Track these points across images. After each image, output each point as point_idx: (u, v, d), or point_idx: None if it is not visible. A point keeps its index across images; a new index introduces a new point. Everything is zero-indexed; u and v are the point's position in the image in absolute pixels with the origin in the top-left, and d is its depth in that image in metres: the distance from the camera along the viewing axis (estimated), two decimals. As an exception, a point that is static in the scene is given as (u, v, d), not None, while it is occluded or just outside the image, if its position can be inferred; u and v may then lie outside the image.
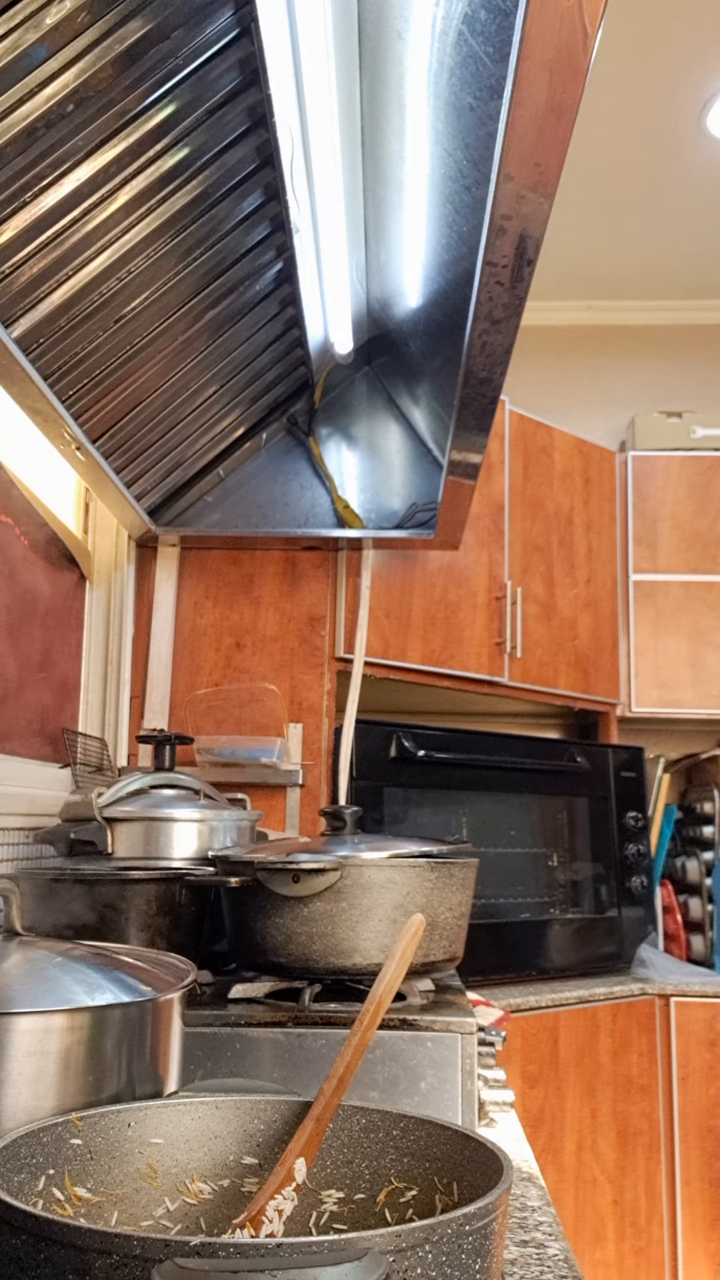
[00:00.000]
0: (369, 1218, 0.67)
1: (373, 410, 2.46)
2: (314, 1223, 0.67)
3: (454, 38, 1.09)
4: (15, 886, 0.93)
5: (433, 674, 2.73)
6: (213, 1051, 1.15)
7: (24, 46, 1.14)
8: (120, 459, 1.96)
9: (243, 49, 1.31)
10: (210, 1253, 0.44)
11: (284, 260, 1.77)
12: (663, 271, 3.80)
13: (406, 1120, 0.68)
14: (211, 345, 1.88)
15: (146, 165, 1.39)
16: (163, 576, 2.48)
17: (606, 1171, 2.76)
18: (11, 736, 1.85)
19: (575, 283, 3.85)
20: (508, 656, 2.88)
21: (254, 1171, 0.69)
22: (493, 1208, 0.52)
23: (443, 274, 1.58)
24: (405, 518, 2.39)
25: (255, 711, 2.44)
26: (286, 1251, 0.44)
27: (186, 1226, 0.67)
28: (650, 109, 3.01)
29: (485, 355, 1.46)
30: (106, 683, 2.34)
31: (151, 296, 1.62)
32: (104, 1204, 0.64)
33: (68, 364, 1.59)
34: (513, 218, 1.13)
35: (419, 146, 1.39)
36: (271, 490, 2.41)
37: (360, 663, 2.50)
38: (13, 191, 1.27)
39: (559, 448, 3.19)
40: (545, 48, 0.88)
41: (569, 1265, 0.84)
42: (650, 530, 3.37)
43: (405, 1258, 0.47)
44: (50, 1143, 0.63)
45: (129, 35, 1.20)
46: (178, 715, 2.44)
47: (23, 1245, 0.49)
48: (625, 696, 3.28)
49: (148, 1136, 0.68)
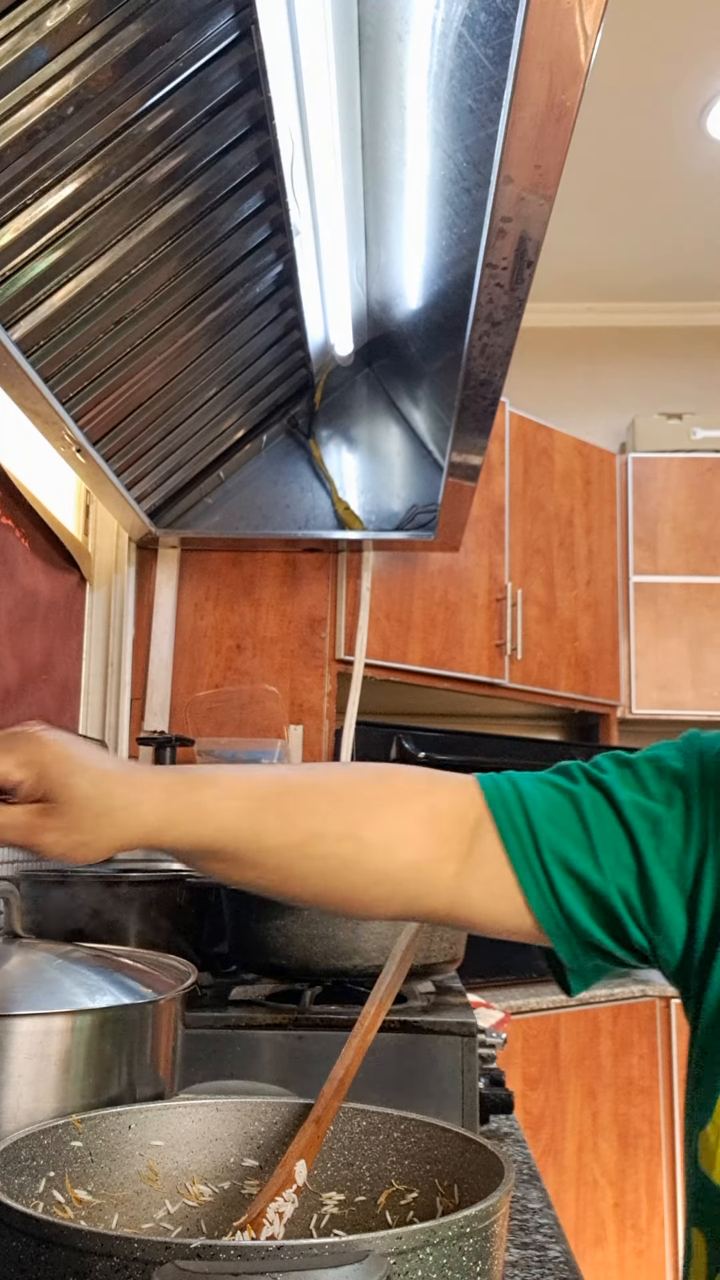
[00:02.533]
0: (370, 1220, 0.67)
1: (373, 412, 2.46)
2: (314, 1225, 0.67)
3: (454, 40, 1.09)
4: (15, 888, 0.93)
5: (433, 676, 2.73)
6: (213, 1053, 1.15)
7: (25, 49, 1.14)
8: (121, 461, 1.96)
9: (243, 51, 1.31)
10: (211, 1255, 0.44)
11: (284, 262, 1.77)
12: (663, 273, 3.80)
13: (407, 1122, 0.68)
14: (212, 347, 1.88)
15: (147, 167, 1.39)
16: (163, 578, 2.48)
17: (607, 1173, 2.76)
18: (12, 738, 1.84)
19: (576, 284, 3.85)
20: (508, 658, 2.88)
21: (254, 1174, 0.69)
22: (494, 1210, 0.52)
23: (443, 276, 1.58)
24: (405, 519, 2.39)
25: (255, 713, 2.44)
26: (287, 1254, 0.44)
27: (187, 1229, 0.67)
28: (650, 111, 3.02)
29: (485, 357, 1.46)
30: (107, 685, 2.34)
31: (152, 299, 1.62)
32: (104, 1206, 0.64)
33: (68, 366, 1.59)
34: (513, 219, 1.13)
35: (419, 148, 1.39)
36: (272, 492, 2.41)
37: (360, 664, 2.50)
38: (13, 194, 1.27)
39: (559, 449, 3.19)
40: (545, 50, 0.88)
41: (570, 1267, 0.84)
42: (650, 532, 3.37)
43: (406, 1260, 0.47)
44: (51, 1145, 0.63)
45: (129, 38, 1.20)
46: (178, 717, 2.44)
47: (23, 1247, 0.49)
48: (626, 698, 3.28)
49: (148, 1139, 0.68)
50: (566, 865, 0.73)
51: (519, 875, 0.74)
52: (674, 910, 0.72)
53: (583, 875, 0.73)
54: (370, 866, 0.74)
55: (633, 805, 0.73)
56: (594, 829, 0.73)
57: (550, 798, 0.75)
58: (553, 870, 0.73)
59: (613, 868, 0.72)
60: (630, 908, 0.72)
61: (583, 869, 0.73)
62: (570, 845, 0.73)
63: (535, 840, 0.74)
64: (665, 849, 0.72)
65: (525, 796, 0.76)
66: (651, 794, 0.74)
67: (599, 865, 0.72)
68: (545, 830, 0.74)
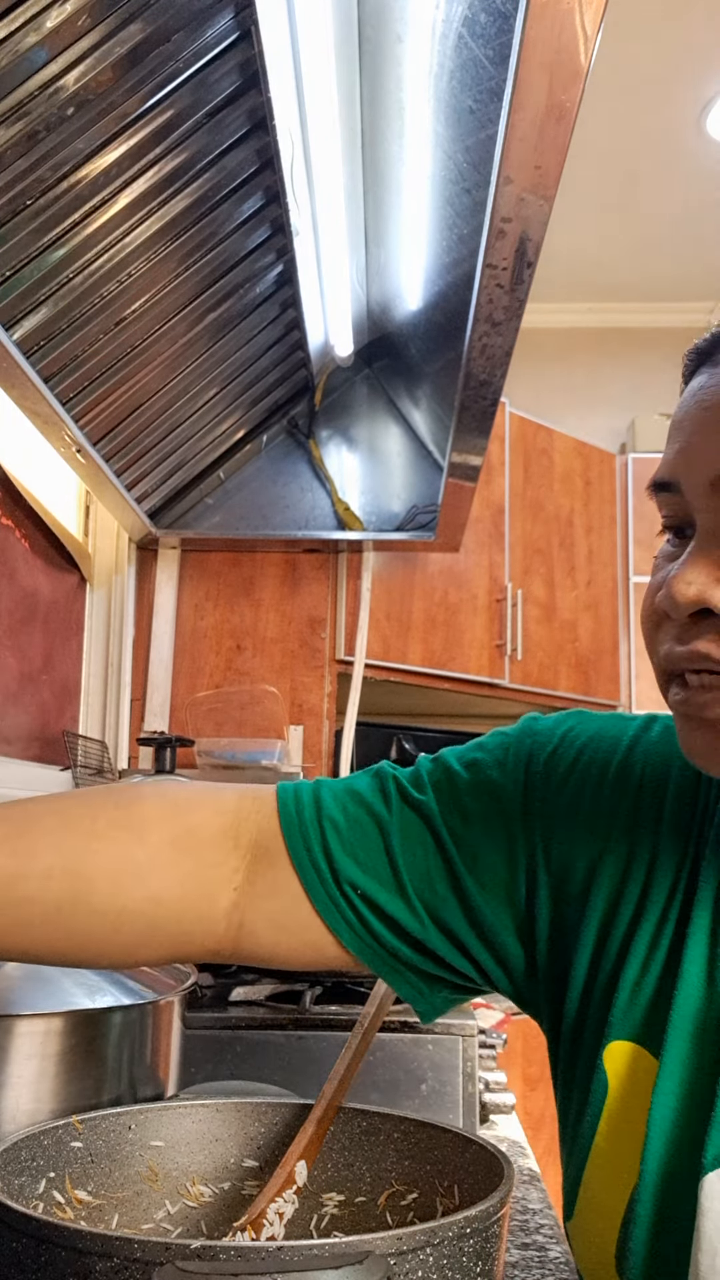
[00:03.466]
0: (370, 1220, 0.67)
1: (373, 413, 2.46)
2: (315, 1225, 0.67)
3: (454, 41, 1.09)
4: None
5: (433, 676, 2.73)
6: (214, 1054, 1.15)
7: (25, 49, 1.14)
8: (121, 461, 1.96)
9: (243, 52, 1.31)
10: (211, 1256, 0.44)
11: (284, 263, 1.77)
12: (663, 273, 3.81)
13: (408, 1123, 0.68)
14: (212, 348, 1.88)
15: (147, 168, 1.39)
16: (163, 579, 2.48)
17: (608, 1174, 2.76)
18: (12, 739, 1.85)
19: (575, 285, 3.85)
20: (508, 658, 2.88)
21: (255, 1174, 0.69)
22: (494, 1211, 0.52)
23: (443, 276, 1.58)
24: (405, 520, 2.39)
25: (256, 714, 2.44)
26: (287, 1254, 0.44)
27: (187, 1229, 0.67)
28: (650, 111, 3.02)
29: (485, 358, 1.46)
30: (107, 685, 2.34)
31: (152, 299, 1.62)
32: (104, 1207, 0.64)
33: (68, 367, 1.59)
34: (513, 220, 1.13)
35: (419, 149, 1.39)
36: (272, 492, 2.41)
37: (361, 665, 2.50)
38: (14, 194, 1.27)
39: (559, 450, 3.19)
40: (545, 50, 0.88)
41: (570, 1269, 0.84)
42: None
43: (406, 1261, 0.47)
44: (51, 1145, 0.63)
45: (130, 38, 1.20)
46: (178, 718, 2.44)
47: (23, 1248, 0.49)
48: (626, 698, 3.28)
49: (148, 1139, 0.68)
50: (375, 907, 0.64)
51: (324, 915, 0.65)
52: (508, 939, 0.64)
53: (395, 918, 0.64)
54: (103, 906, 0.62)
55: (449, 834, 0.64)
56: (403, 866, 0.64)
57: (357, 822, 0.66)
58: (362, 911, 0.64)
59: (430, 905, 0.64)
60: (457, 943, 0.64)
61: (393, 911, 0.64)
62: (378, 887, 0.64)
63: (337, 879, 0.64)
64: (489, 879, 0.64)
65: (326, 818, 0.66)
66: (469, 815, 0.65)
67: (413, 910, 0.64)
68: (348, 869, 0.64)
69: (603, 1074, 0.59)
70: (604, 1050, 0.59)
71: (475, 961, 0.65)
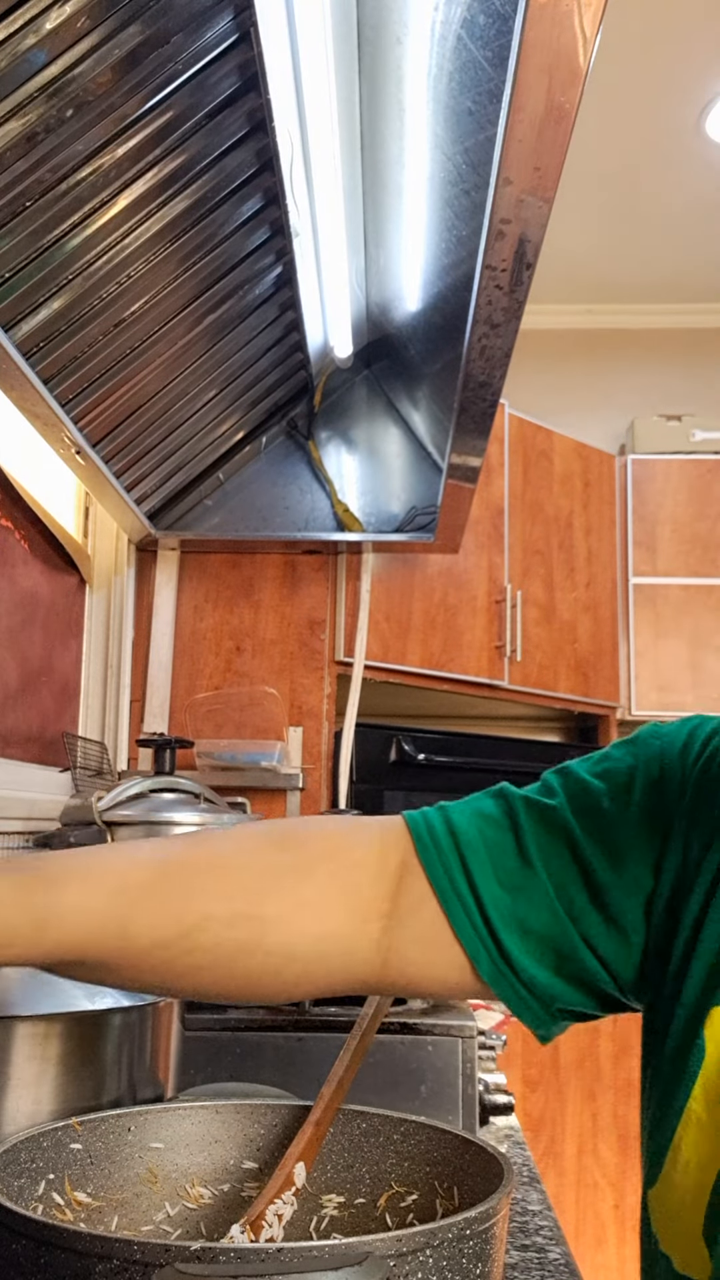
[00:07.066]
0: (369, 1222, 0.67)
1: (372, 414, 2.46)
2: (314, 1227, 0.67)
3: (453, 42, 1.09)
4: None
5: (432, 677, 2.73)
6: (213, 1055, 1.15)
7: (24, 51, 1.14)
8: (120, 463, 1.96)
9: (242, 54, 1.31)
10: (210, 1257, 0.44)
11: (283, 264, 1.77)
12: (662, 275, 3.81)
13: (407, 1124, 0.68)
14: (211, 349, 1.88)
15: (146, 170, 1.39)
16: (163, 580, 2.49)
17: (607, 1175, 2.76)
18: (11, 740, 1.85)
19: (575, 286, 3.85)
20: (508, 660, 2.88)
21: (254, 1176, 0.69)
22: (494, 1212, 0.52)
23: (442, 278, 1.58)
24: (405, 521, 2.40)
25: (255, 715, 2.44)
26: (286, 1256, 0.44)
27: (187, 1231, 0.67)
28: (649, 113, 3.02)
29: (485, 359, 1.46)
30: (106, 686, 2.34)
31: (151, 301, 1.62)
32: (104, 1209, 0.64)
33: (68, 368, 1.59)
34: (512, 221, 1.13)
35: (418, 151, 1.39)
36: (271, 494, 2.41)
37: (360, 666, 2.50)
38: (13, 196, 1.27)
39: (559, 451, 3.19)
40: (544, 52, 0.88)
41: (570, 1270, 0.84)
42: (650, 533, 3.37)
43: (406, 1262, 0.47)
44: (50, 1147, 0.63)
45: (128, 40, 1.20)
46: (178, 719, 2.44)
47: (23, 1250, 0.49)
48: (625, 700, 3.28)
49: (148, 1141, 0.68)
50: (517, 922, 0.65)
51: (464, 943, 0.65)
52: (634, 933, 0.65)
53: (535, 930, 0.65)
54: (276, 947, 0.64)
55: (585, 837, 0.66)
56: (544, 876, 0.65)
57: (495, 844, 0.67)
58: (501, 936, 0.65)
59: (569, 910, 0.65)
60: (590, 946, 0.65)
61: (535, 923, 0.65)
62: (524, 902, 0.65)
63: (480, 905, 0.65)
64: (625, 878, 0.65)
65: (464, 844, 0.67)
66: (604, 816, 0.66)
67: (555, 915, 0.65)
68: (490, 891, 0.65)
69: (702, 1040, 0.60)
70: (708, 1016, 0.60)
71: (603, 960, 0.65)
